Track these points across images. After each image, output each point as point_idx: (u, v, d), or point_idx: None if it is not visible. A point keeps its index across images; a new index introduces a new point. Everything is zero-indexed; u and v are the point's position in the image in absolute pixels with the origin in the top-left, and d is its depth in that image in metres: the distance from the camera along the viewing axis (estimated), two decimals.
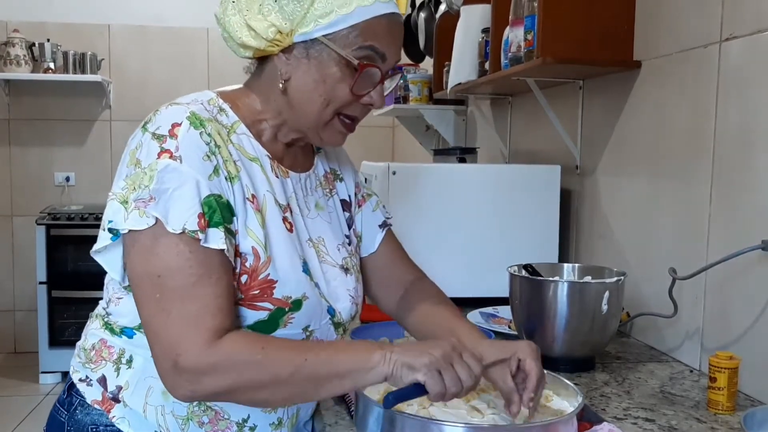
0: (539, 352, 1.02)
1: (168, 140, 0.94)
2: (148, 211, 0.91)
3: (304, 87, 1.00)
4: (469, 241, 1.96)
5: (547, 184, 1.99)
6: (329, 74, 0.99)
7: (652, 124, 1.65)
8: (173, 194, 0.91)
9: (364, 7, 0.97)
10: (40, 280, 4.25)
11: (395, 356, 0.90)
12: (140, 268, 0.93)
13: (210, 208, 0.93)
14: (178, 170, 0.92)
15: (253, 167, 1.02)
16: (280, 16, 0.97)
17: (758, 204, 1.29)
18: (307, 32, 0.97)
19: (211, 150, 0.96)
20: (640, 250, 1.70)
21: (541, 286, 1.41)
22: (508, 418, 1.02)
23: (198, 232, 0.91)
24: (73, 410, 1.06)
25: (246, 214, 0.98)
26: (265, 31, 0.97)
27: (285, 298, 1.00)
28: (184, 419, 1.02)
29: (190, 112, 0.97)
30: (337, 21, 0.96)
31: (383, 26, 0.99)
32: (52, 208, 4.49)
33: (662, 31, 1.61)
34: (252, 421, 1.05)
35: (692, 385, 1.36)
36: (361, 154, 3.84)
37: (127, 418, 1.03)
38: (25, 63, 4.53)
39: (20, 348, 4.86)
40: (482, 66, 2.24)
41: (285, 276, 1.00)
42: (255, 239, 0.98)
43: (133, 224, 0.91)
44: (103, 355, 1.05)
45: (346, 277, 1.12)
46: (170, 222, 0.90)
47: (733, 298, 1.36)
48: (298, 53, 0.99)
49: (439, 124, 3.21)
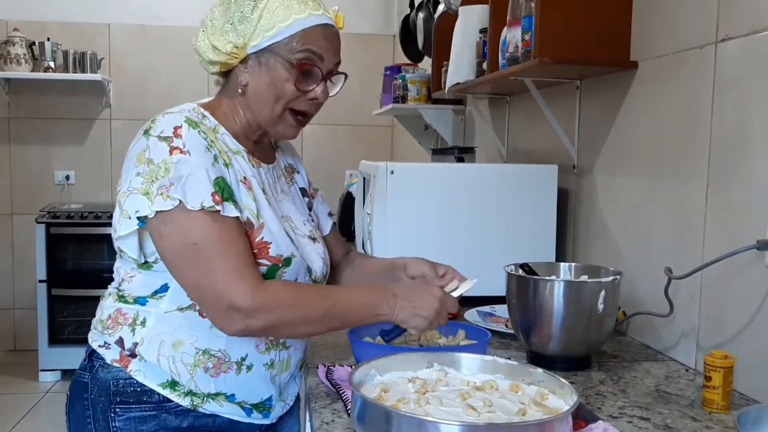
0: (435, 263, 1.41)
1: (175, 140, 1.15)
2: (171, 194, 1.11)
3: (258, 89, 1.24)
4: (467, 240, 1.96)
5: (545, 183, 1.99)
6: (277, 76, 1.22)
7: (649, 124, 1.65)
8: (188, 179, 1.12)
9: (300, 20, 1.21)
10: (40, 278, 4.26)
11: (398, 311, 1.21)
12: (176, 242, 1.14)
13: (220, 187, 1.15)
14: (189, 161, 1.14)
15: (237, 158, 1.24)
16: (234, 34, 1.21)
17: (753, 204, 1.30)
18: (257, 44, 1.21)
19: (209, 144, 1.18)
20: (636, 249, 1.71)
21: (537, 285, 1.42)
22: (504, 417, 1.02)
23: (215, 206, 1.13)
24: (95, 371, 1.24)
25: (240, 193, 1.20)
26: (224, 46, 1.22)
27: (278, 256, 1.22)
28: (192, 366, 1.21)
29: (185, 117, 1.19)
30: (279, 32, 1.20)
31: (318, 33, 1.22)
32: (52, 207, 4.50)
33: (659, 31, 1.62)
34: (249, 360, 1.24)
35: (687, 384, 1.37)
36: (360, 153, 3.87)
37: (143, 370, 1.21)
38: (25, 62, 4.53)
39: (20, 346, 4.87)
40: (480, 66, 2.25)
41: (276, 238, 1.22)
42: (249, 211, 1.21)
43: (160, 206, 1.11)
44: (119, 321, 1.23)
45: (315, 244, 1.35)
46: (189, 202, 1.12)
47: (728, 298, 1.37)
48: (253, 62, 1.23)
49: (437, 124, 3.21)
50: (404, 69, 3.45)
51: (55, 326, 4.29)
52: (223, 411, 1.24)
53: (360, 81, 4.23)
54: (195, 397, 1.22)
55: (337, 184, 3.99)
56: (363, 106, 4.70)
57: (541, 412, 1.05)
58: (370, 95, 4.35)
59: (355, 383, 1.09)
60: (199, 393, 1.22)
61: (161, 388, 1.21)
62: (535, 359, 1.44)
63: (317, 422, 1.16)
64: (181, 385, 1.21)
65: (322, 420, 1.16)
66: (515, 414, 1.04)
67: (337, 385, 1.28)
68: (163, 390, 1.21)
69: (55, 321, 4.29)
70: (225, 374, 1.23)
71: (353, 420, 1.06)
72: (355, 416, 1.04)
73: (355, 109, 4.85)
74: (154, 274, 1.21)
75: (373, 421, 0.99)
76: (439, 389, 1.13)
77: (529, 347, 1.48)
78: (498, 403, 1.07)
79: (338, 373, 1.34)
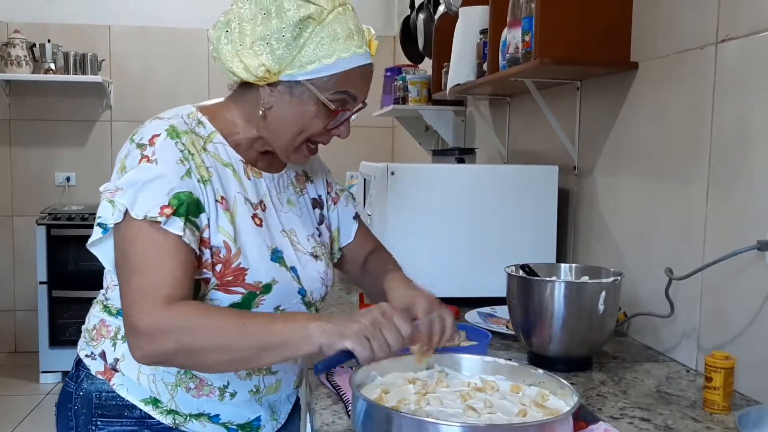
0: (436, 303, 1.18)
1: (147, 148, 1.09)
2: (116, 200, 1.06)
3: (283, 117, 1.15)
4: (467, 241, 1.96)
5: (545, 184, 1.99)
6: (307, 111, 1.14)
7: (649, 125, 1.65)
8: (144, 186, 1.06)
9: (343, 59, 1.11)
10: (41, 280, 4.26)
11: (328, 326, 1.00)
12: (117, 250, 1.09)
13: (178, 201, 1.06)
14: (152, 169, 1.07)
15: (226, 172, 1.16)
16: (270, 57, 1.10)
17: (754, 204, 1.30)
18: (293, 74, 1.11)
19: (185, 156, 1.10)
20: (637, 250, 1.71)
21: (537, 286, 1.42)
22: (505, 418, 1.02)
23: (158, 217, 1.04)
24: (80, 381, 1.21)
25: (217, 214, 1.12)
26: (256, 69, 1.11)
27: (256, 283, 1.14)
28: (172, 386, 1.17)
29: (170, 125, 1.12)
30: (320, 69, 1.11)
31: (357, 75, 1.14)
32: (53, 208, 4.50)
33: (659, 32, 1.62)
34: (232, 388, 1.19)
35: (688, 385, 1.37)
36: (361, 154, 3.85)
37: (125, 385, 1.18)
38: (25, 63, 4.54)
39: (21, 347, 4.87)
40: (480, 67, 2.25)
41: (254, 264, 1.14)
42: (225, 234, 1.12)
43: (115, 219, 1.06)
44: (102, 333, 1.20)
45: (317, 263, 1.26)
46: (134, 210, 1.05)
47: (729, 298, 1.37)
48: (282, 89, 1.14)
49: (438, 125, 3.21)
50: (405, 70, 3.45)
51: (56, 328, 4.29)
52: (206, 431, 1.20)
53: None
54: (177, 415, 1.18)
55: None
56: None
57: (542, 413, 1.05)
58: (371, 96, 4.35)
59: (356, 384, 1.09)
60: (181, 413, 1.18)
61: (143, 404, 1.17)
62: (535, 360, 1.44)
63: (318, 423, 1.16)
64: (162, 403, 1.18)
65: (323, 421, 1.16)
66: (516, 415, 1.04)
67: (338, 386, 1.28)
68: (145, 406, 1.17)
69: (56, 323, 4.29)
70: (207, 397, 1.19)
71: (354, 421, 1.05)
72: (356, 417, 1.04)
73: None
74: None
75: (374, 423, 0.99)
76: (440, 390, 1.13)
77: (529, 348, 1.48)
78: (498, 404, 1.07)
79: (339, 374, 1.34)
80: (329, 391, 1.29)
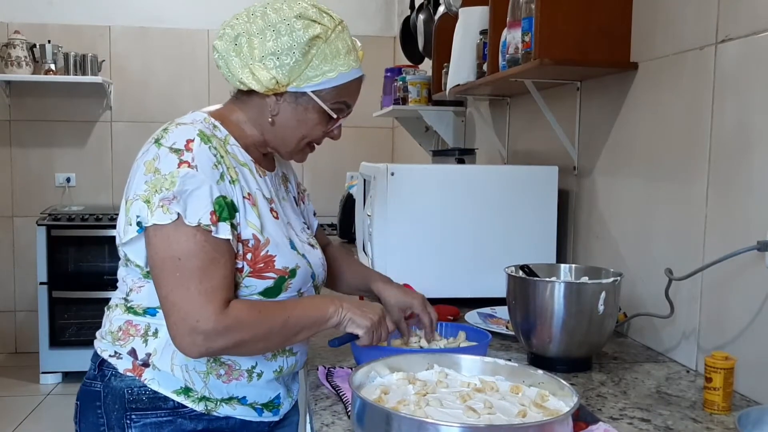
0: (426, 302, 1.47)
1: (185, 153, 1.17)
2: (171, 207, 1.13)
3: (288, 124, 1.28)
4: (467, 242, 1.96)
5: (545, 184, 1.99)
6: (310, 118, 1.28)
7: (649, 126, 1.65)
8: (192, 194, 1.14)
9: (343, 73, 1.26)
10: (41, 281, 4.26)
11: (345, 311, 1.26)
12: (163, 253, 1.15)
13: (220, 207, 1.17)
14: (195, 176, 1.15)
15: (244, 171, 1.26)
16: (280, 71, 1.22)
17: (754, 205, 1.30)
18: (299, 86, 1.25)
19: (218, 160, 1.20)
20: (636, 250, 1.71)
21: (537, 286, 1.42)
22: (505, 418, 1.02)
23: (210, 225, 1.15)
24: (107, 380, 1.26)
25: (245, 210, 1.22)
26: (267, 81, 1.22)
27: (284, 269, 1.25)
28: (204, 374, 1.24)
29: (199, 130, 1.20)
30: (324, 82, 1.25)
31: (354, 86, 1.31)
32: (53, 209, 4.50)
33: (659, 32, 1.62)
34: (259, 368, 1.28)
35: (688, 386, 1.37)
36: (361, 154, 3.86)
37: (157, 379, 1.23)
38: (26, 64, 4.54)
39: (21, 348, 4.88)
40: (480, 67, 2.25)
41: (280, 252, 1.25)
42: (253, 227, 1.23)
43: (158, 219, 1.13)
44: (131, 332, 1.25)
45: (315, 250, 1.39)
46: (188, 216, 1.14)
47: (729, 299, 1.37)
48: (288, 99, 1.26)
49: (438, 125, 3.21)
50: (405, 71, 3.45)
51: (56, 328, 4.29)
52: (236, 413, 1.27)
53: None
54: (209, 402, 1.25)
55: (338, 185, 3.99)
56: (363, 107, 4.69)
57: (542, 413, 1.05)
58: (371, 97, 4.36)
59: (355, 385, 1.09)
60: (213, 398, 1.25)
61: (175, 394, 1.23)
62: (535, 361, 1.44)
63: (317, 424, 1.16)
64: (194, 391, 1.24)
65: (323, 422, 1.16)
66: (515, 416, 1.04)
67: (338, 387, 1.28)
68: (178, 396, 1.23)
69: (56, 323, 4.29)
70: (237, 381, 1.26)
71: (353, 422, 1.05)
72: (356, 418, 1.04)
73: (355, 111, 4.76)
74: None
75: (374, 423, 0.99)
76: (440, 391, 1.13)
77: (529, 349, 1.48)
78: (498, 404, 1.07)
79: (338, 375, 1.34)
80: (329, 392, 1.29)
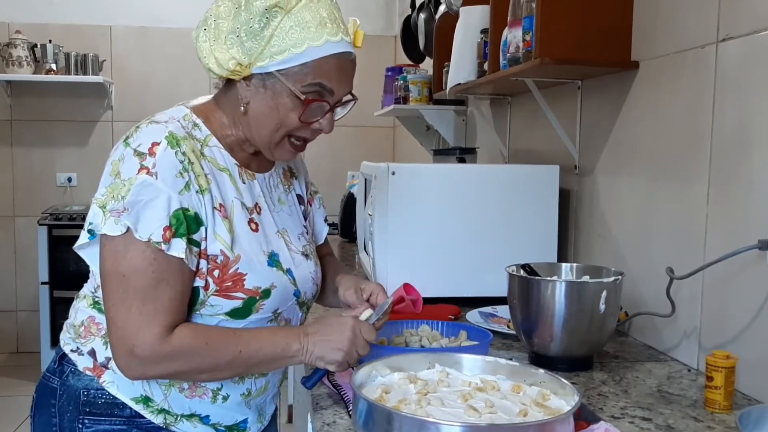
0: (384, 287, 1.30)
1: (147, 158, 1.06)
2: (121, 220, 1.03)
3: (259, 112, 1.13)
4: (468, 241, 1.96)
5: (546, 184, 1.99)
6: (282, 103, 1.12)
7: (650, 124, 1.65)
8: (145, 206, 1.04)
9: (315, 48, 1.08)
10: (42, 281, 4.27)
11: (310, 347, 1.12)
12: (109, 267, 1.06)
13: (177, 221, 1.06)
14: (153, 185, 1.04)
15: (223, 177, 1.15)
16: (240, 50, 1.08)
17: (755, 203, 1.30)
18: (263, 66, 1.09)
19: (185, 167, 1.08)
20: (638, 249, 1.71)
21: (538, 285, 1.42)
22: (506, 417, 1.02)
23: (162, 243, 1.04)
24: (65, 377, 1.18)
25: (214, 222, 1.11)
26: (227, 62, 1.09)
27: (255, 288, 1.14)
28: (166, 385, 1.16)
29: (169, 132, 1.09)
30: (290, 59, 1.08)
31: (332, 65, 1.11)
32: (54, 209, 4.51)
33: (660, 31, 1.61)
34: (225, 391, 1.20)
35: (690, 384, 1.37)
36: (362, 154, 3.86)
37: (116, 383, 1.15)
38: (27, 64, 4.54)
39: (22, 348, 4.88)
40: (481, 66, 2.25)
41: (253, 270, 1.14)
42: (222, 242, 1.12)
43: (108, 230, 1.04)
44: (92, 330, 1.17)
45: (308, 262, 1.27)
46: (139, 230, 1.04)
47: (730, 298, 1.37)
48: (256, 83, 1.12)
49: (439, 125, 3.21)
50: (405, 70, 3.45)
51: (58, 328, 4.25)
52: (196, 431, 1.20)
53: (361, 82, 4.20)
54: (168, 415, 1.17)
55: (339, 185, 3.99)
56: (364, 107, 4.69)
57: (543, 412, 1.05)
58: (372, 96, 4.36)
59: (357, 384, 1.09)
60: (173, 412, 1.17)
61: (134, 402, 1.15)
62: (536, 360, 1.44)
63: (319, 424, 1.16)
64: (154, 402, 1.16)
65: (324, 421, 1.16)
66: (517, 415, 1.04)
67: (339, 386, 1.27)
68: (136, 405, 1.15)
69: (57, 323, 4.29)
70: (200, 398, 1.18)
71: (355, 421, 1.05)
72: (357, 417, 1.04)
73: (356, 110, 4.78)
74: None
75: (375, 423, 0.99)
76: (441, 390, 1.13)
77: (530, 348, 1.47)
78: (499, 403, 1.07)
79: (339, 374, 1.34)
80: (330, 391, 1.29)
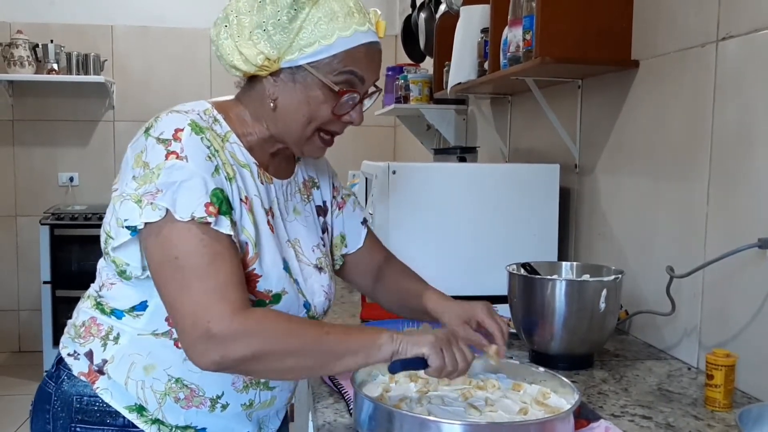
0: (493, 309, 1.22)
1: (173, 143, 1.02)
2: (157, 202, 0.98)
3: (289, 107, 1.10)
4: (469, 240, 1.97)
5: (547, 183, 1.99)
6: (313, 97, 1.08)
7: (650, 123, 1.65)
8: (181, 186, 0.99)
9: (344, 38, 1.06)
10: (44, 280, 4.27)
11: (401, 337, 1.01)
12: (158, 256, 1.01)
13: (218, 199, 1.02)
14: (185, 167, 1.00)
15: (244, 172, 1.11)
16: (268, 44, 1.05)
17: (755, 202, 1.30)
18: (293, 60, 1.06)
19: (212, 152, 1.05)
20: (638, 248, 1.71)
21: (539, 284, 1.42)
22: (506, 416, 1.03)
23: (207, 217, 0.99)
24: (60, 382, 1.15)
25: (241, 213, 1.07)
26: (254, 57, 1.06)
27: (266, 292, 1.09)
28: (161, 394, 1.10)
29: (190, 120, 1.06)
30: (320, 50, 1.06)
31: (362, 53, 1.09)
32: (56, 208, 4.51)
33: (660, 30, 1.62)
34: (225, 399, 1.12)
35: (690, 383, 1.37)
36: (362, 153, 3.86)
37: (110, 390, 1.11)
38: (28, 64, 4.55)
39: (24, 347, 4.89)
40: (482, 66, 2.25)
41: (268, 271, 1.09)
42: (248, 236, 1.07)
43: (147, 217, 0.99)
44: (92, 331, 1.13)
45: (321, 275, 1.21)
46: (178, 211, 0.98)
47: (730, 296, 1.37)
48: (285, 77, 1.08)
49: (439, 124, 3.21)
50: (406, 69, 3.45)
51: (60, 328, 4.26)
52: None
53: None
54: (163, 426, 1.11)
55: None
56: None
57: (543, 411, 1.05)
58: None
59: (358, 383, 1.09)
60: (168, 423, 1.11)
61: (127, 411, 1.10)
62: (537, 358, 1.44)
63: (320, 422, 1.16)
64: (148, 412, 1.11)
65: (325, 419, 1.16)
66: (517, 413, 1.04)
67: (340, 384, 1.28)
68: (129, 414, 1.10)
69: (60, 322, 4.29)
70: (197, 408, 1.12)
71: (355, 420, 1.06)
72: (358, 416, 1.04)
73: None
74: (133, 287, 1.09)
75: (376, 421, 0.99)
76: (441, 388, 1.14)
77: (531, 346, 1.48)
78: (500, 402, 1.08)
79: None
80: (331, 389, 1.29)
